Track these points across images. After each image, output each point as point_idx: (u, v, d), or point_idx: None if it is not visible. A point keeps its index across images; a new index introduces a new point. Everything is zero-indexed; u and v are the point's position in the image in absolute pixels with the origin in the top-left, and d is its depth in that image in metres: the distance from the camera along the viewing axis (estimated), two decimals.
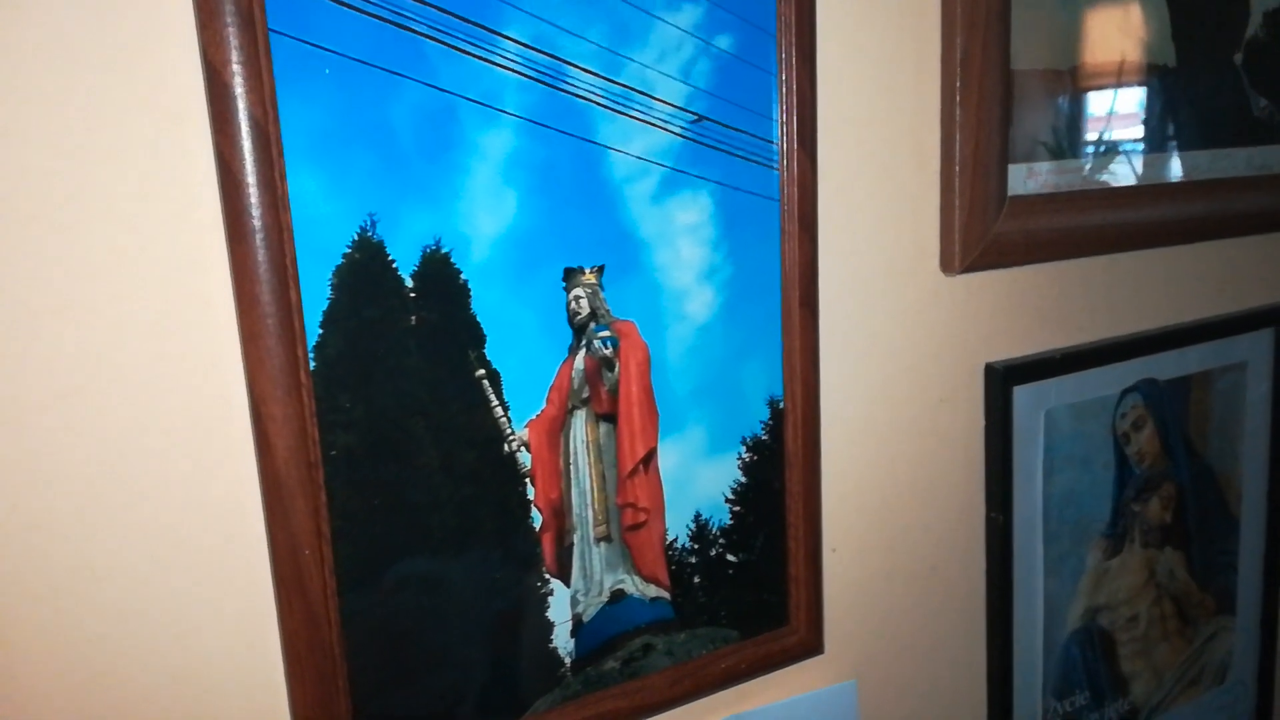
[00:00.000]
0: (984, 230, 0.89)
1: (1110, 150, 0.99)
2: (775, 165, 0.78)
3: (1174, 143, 1.05)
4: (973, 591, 1.00)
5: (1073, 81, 0.95)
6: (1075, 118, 0.96)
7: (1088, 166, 0.97)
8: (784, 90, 0.77)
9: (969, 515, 0.98)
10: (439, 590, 0.69)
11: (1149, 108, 1.02)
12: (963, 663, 1.00)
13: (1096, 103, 0.97)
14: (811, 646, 0.87)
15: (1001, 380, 0.96)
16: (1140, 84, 1.01)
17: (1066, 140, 0.96)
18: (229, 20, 0.57)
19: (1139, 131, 1.02)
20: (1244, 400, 1.17)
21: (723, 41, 0.74)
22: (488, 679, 0.72)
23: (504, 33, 0.66)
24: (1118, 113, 1.00)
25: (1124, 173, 1.00)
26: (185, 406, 0.61)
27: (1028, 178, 0.92)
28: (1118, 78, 0.99)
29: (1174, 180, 1.05)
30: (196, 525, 0.62)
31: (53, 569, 0.58)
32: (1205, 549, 1.18)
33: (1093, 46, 0.96)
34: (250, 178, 0.59)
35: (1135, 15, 0.99)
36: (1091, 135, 0.98)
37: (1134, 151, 1.01)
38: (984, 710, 1.01)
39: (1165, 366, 1.09)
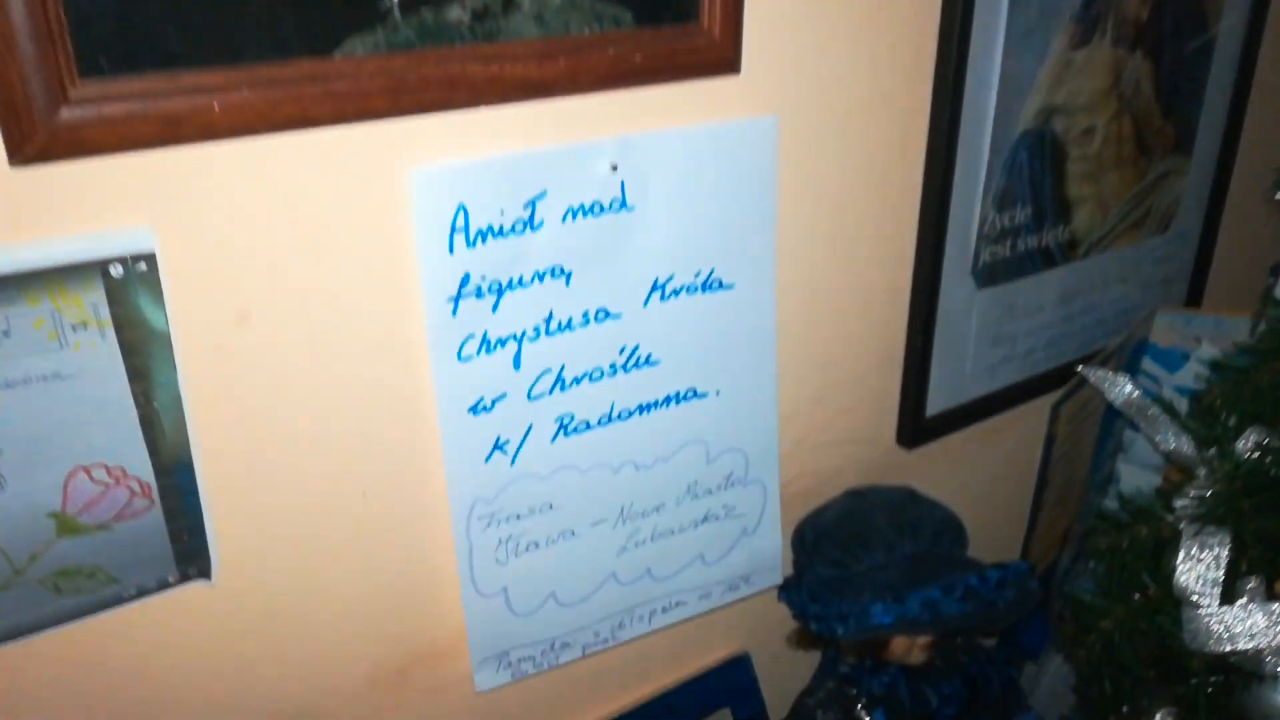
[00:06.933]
0: None
1: None
2: None
3: None
4: (921, 61, 0.82)
5: None
6: None
7: None
8: None
9: None
10: None
11: None
12: (899, 132, 0.84)
13: None
14: (725, 60, 0.68)
15: None
16: None
17: None
18: None
19: None
20: None
21: None
22: None
23: None
24: None
25: None
26: None
27: None
28: None
29: None
30: None
31: None
32: (1175, 67, 1.03)
33: None
34: None
35: None
36: None
37: None
38: (917, 201, 0.87)
39: None
